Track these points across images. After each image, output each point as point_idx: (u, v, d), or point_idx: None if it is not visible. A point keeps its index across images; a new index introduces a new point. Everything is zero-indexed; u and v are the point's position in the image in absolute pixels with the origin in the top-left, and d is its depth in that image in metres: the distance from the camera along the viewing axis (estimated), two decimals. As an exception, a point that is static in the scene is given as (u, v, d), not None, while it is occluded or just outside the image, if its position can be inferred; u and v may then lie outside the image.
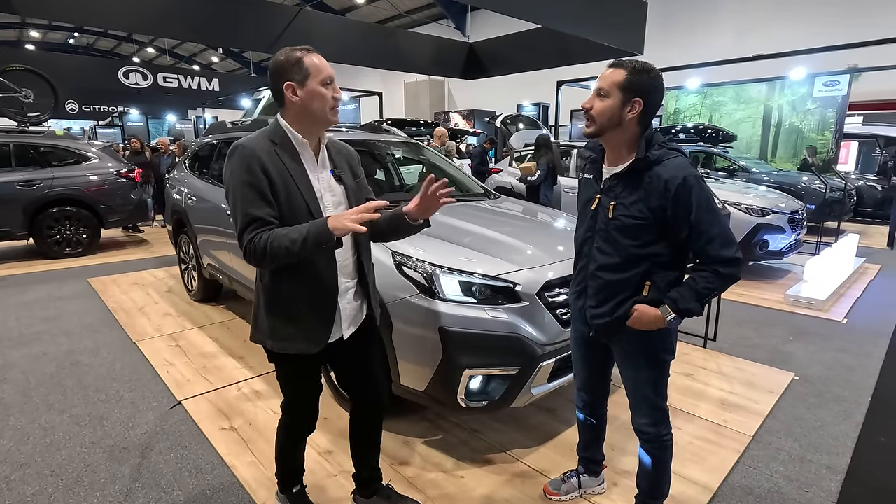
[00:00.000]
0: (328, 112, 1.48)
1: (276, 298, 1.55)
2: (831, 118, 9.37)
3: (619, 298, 1.60)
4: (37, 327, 3.96)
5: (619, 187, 1.55)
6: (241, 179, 1.41)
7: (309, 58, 1.45)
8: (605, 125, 1.51)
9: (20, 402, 2.82)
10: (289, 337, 1.55)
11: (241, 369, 3.22)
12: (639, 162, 1.50)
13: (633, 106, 1.47)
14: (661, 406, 1.67)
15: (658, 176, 1.47)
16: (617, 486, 2.12)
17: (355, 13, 21.00)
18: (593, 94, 1.52)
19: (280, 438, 1.81)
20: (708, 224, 1.47)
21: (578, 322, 1.77)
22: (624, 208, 1.53)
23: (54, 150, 6.42)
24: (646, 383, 1.65)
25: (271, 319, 1.56)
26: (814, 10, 11.88)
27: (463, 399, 2.15)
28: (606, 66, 1.53)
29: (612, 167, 1.59)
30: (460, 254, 2.33)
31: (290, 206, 1.45)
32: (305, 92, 1.45)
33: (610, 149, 1.59)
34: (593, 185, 1.65)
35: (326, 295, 1.56)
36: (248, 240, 1.39)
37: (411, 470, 2.23)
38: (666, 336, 1.62)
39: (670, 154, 1.49)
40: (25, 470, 2.23)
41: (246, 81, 19.44)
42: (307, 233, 1.36)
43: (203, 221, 4.08)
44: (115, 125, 21.10)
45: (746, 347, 3.60)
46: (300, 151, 1.52)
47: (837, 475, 2.22)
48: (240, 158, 1.43)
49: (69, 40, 30.55)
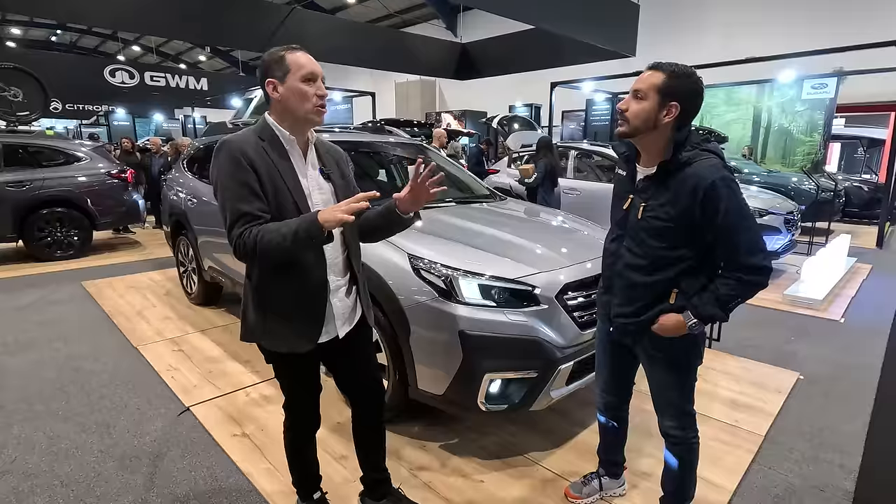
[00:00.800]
0: (308, 110, 1.45)
1: (266, 296, 1.53)
2: (819, 120, 9.55)
3: (645, 301, 1.60)
4: (32, 333, 3.87)
5: (651, 189, 1.54)
6: (229, 175, 1.39)
7: (292, 55, 1.44)
8: (639, 127, 1.49)
9: (22, 409, 2.75)
10: (280, 335, 1.54)
11: (248, 374, 3.18)
12: (667, 164, 1.49)
13: (670, 110, 1.46)
14: (688, 410, 1.68)
15: (687, 178, 1.45)
16: (637, 487, 2.13)
17: (345, 13, 20.88)
18: (630, 95, 1.51)
19: (286, 440, 1.80)
20: (735, 230, 1.44)
21: (604, 321, 1.77)
22: (653, 210, 1.52)
23: (44, 150, 6.29)
24: (672, 387, 1.65)
25: (261, 318, 1.54)
26: (798, 13, 12.08)
27: (483, 403, 2.15)
28: (645, 67, 1.51)
29: (645, 168, 1.58)
30: (477, 257, 2.32)
31: (277, 202, 1.44)
32: (285, 88, 1.44)
33: (643, 150, 1.58)
34: (627, 183, 1.64)
35: (317, 292, 1.54)
36: (237, 235, 1.37)
37: (430, 475, 2.21)
38: (693, 340, 1.63)
39: (703, 155, 1.47)
40: (34, 480, 2.17)
41: (236, 81, 19.23)
42: (297, 227, 1.34)
43: (204, 223, 4.02)
44: (100, 124, 20.74)
45: (750, 347, 3.65)
46: (288, 149, 1.50)
47: (850, 474, 2.25)
48: (227, 154, 1.41)
49: (51, 38, 29.93)
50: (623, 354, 1.80)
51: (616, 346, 1.78)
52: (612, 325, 1.70)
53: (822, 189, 7.70)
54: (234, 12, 9.80)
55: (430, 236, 2.49)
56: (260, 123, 1.51)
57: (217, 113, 21.22)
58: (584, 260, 2.45)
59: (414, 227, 2.58)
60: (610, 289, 1.70)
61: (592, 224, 3.23)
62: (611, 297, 1.70)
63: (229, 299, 4.50)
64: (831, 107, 9.30)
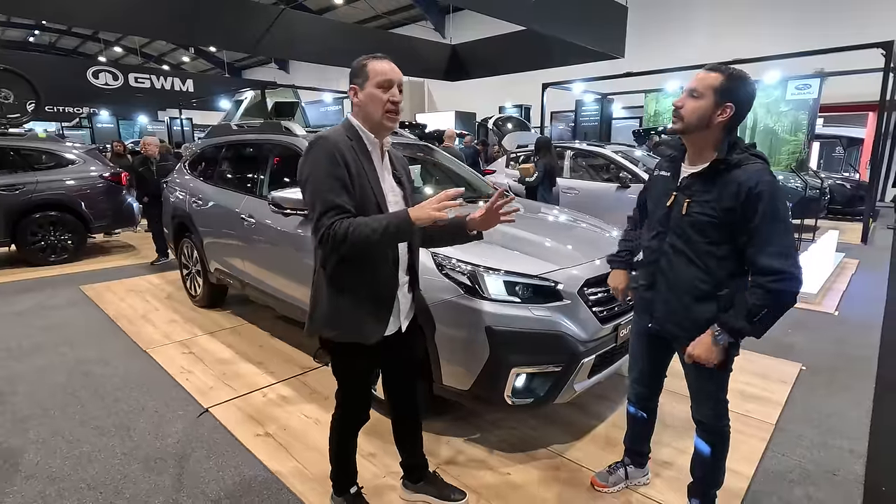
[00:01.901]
0: (381, 115, 1.53)
1: (340, 287, 1.59)
2: (803, 120, 9.79)
3: (691, 296, 1.63)
4: (36, 338, 3.81)
5: (697, 185, 1.59)
6: (324, 168, 1.46)
7: (373, 63, 1.53)
8: (692, 124, 1.54)
9: (37, 414, 2.72)
10: (352, 326, 1.60)
11: (262, 375, 3.18)
12: (718, 163, 1.54)
13: (725, 110, 1.50)
14: (723, 399, 1.74)
15: (734, 178, 1.50)
16: (660, 476, 2.20)
17: (333, 13, 20.81)
18: (685, 93, 1.55)
19: (335, 433, 1.85)
20: (768, 234, 1.45)
21: (642, 314, 1.82)
22: (698, 205, 1.57)
23: (36, 152, 6.17)
24: (710, 379, 1.71)
25: (333, 308, 1.60)
26: (783, 15, 12.40)
27: (510, 397, 2.19)
28: (704, 69, 1.56)
29: (692, 166, 1.63)
30: (500, 254, 2.37)
31: (362, 199, 1.51)
32: (364, 94, 1.53)
33: (692, 148, 1.63)
34: (670, 182, 1.69)
35: (388, 287, 1.63)
36: (327, 225, 1.43)
37: (458, 469, 2.25)
38: None
39: (751, 159, 1.51)
40: (60, 484, 2.16)
41: (223, 82, 19.04)
42: (388, 222, 1.42)
43: (211, 225, 4.00)
44: (83, 126, 20.33)
45: (751, 340, 3.72)
46: (371, 151, 1.59)
47: (860, 458, 2.34)
48: (324, 149, 1.48)
49: (29, 38, 29.28)
50: (660, 347, 1.85)
51: (654, 339, 1.83)
52: (653, 320, 1.75)
53: (809, 187, 7.92)
54: (222, 13, 9.73)
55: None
56: (346, 124, 1.60)
57: (203, 115, 21.00)
58: (602, 256, 2.51)
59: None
60: (653, 284, 1.74)
61: (600, 221, 3.30)
62: (654, 293, 1.74)
63: (235, 301, 4.48)
64: (815, 107, 9.54)
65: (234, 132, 4.25)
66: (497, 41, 13.17)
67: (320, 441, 2.46)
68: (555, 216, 3.42)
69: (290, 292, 3.22)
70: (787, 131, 10.11)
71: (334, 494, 1.93)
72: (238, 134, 4.17)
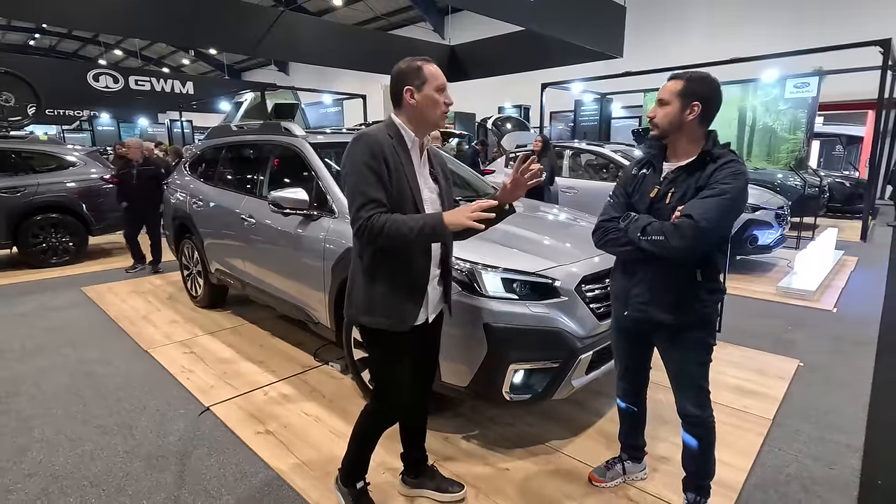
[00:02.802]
0: (439, 116, 1.63)
1: (375, 276, 1.65)
2: (802, 118, 9.80)
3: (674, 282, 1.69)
4: (38, 339, 3.83)
5: (681, 178, 1.68)
6: (364, 163, 1.53)
7: (428, 67, 1.61)
8: (667, 128, 1.68)
9: (40, 413, 2.75)
10: (384, 313, 1.66)
11: (263, 374, 3.20)
12: (705, 154, 1.64)
13: (693, 109, 1.63)
14: (705, 388, 1.78)
15: (712, 167, 1.62)
16: (657, 471, 2.21)
17: (332, 15, 20.86)
18: (655, 104, 1.69)
19: (363, 425, 1.85)
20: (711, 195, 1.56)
21: (623, 309, 1.84)
22: (680, 193, 1.65)
23: (38, 155, 6.21)
24: (692, 365, 1.76)
25: (369, 295, 1.66)
26: (781, 14, 12.42)
27: (508, 393, 2.21)
28: (667, 80, 1.71)
29: (676, 162, 1.72)
30: (498, 251, 2.39)
31: (399, 194, 1.58)
32: (422, 96, 1.61)
33: (674, 147, 1.73)
34: (652, 177, 1.76)
35: (419, 279, 1.68)
36: (365, 217, 1.50)
37: (457, 465, 2.27)
38: (710, 319, 1.74)
39: (731, 156, 1.63)
40: (62, 482, 2.18)
41: (223, 84, 19.10)
42: (424, 223, 1.50)
43: (212, 226, 4.02)
44: (83, 129, 20.40)
45: (750, 337, 3.77)
46: (410, 148, 1.66)
47: (856, 452, 2.36)
48: (364, 145, 1.55)
49: (29, 42, 29.39)
50: (639, 340, 1.89)
51: (633, 332, 1.88)
52: (631, 309, 1.79)
53: (808, 185, 7.93)
54: (222, 16, 9.77)
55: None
56: (387, 122, 1.67)
57: (204, 117, 21.06)
58: (599, 254, 2.52)
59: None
60: (632, 274, 1.78)
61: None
62: (630, 285, 1.78)
63: (236, 301, 4.51)
64: (814, 105, 9.55)
65: (233, 133, 4.28)
66: (496, 42, 13.21)
67: (320, 438, 2.48)
68: (553, 215, 3.45)
69: (290, 291, 3.24)
70: (786, 130, 10.12)
71: (340, 483, 1.94)
72: (238, 135, 4.20)
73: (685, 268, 1.67)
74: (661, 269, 1.69)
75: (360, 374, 2.73)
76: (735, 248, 5.39)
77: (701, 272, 1.67)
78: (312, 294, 3.01)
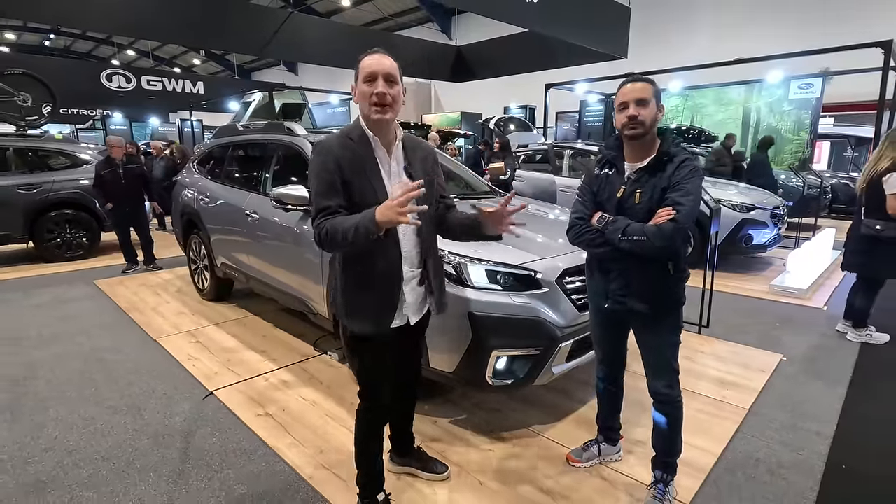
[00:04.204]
0: (368, 110, 1.57)
1: (348, 281, 1.69)
2: (806, 119, 9.82)
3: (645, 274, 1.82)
4: (54, 328, 4.03)
5: (645, 178, 1.79)
6: (316, 173, 1.59)
7: (364, 58, 1.58)
8: (648, 127, 1.77)
9: (56, 395, 2.93)
10: (359, 317, 1.70)
11: (264, 362, 3.36)
12: (663, 154, 1.76)
13: (661, 110, 1.78)
14: (676, 368, 1.91)
15: (671, 167, 1.74)
16: (632, 453, 2.34)
17: (340, 16, 21.09)
18: (635, 105, 1.74)
19: (359, 429, 1.87)
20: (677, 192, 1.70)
21: (600, 299, 1.96)
22: (648, 194, 1.77)
23: (53, 153, 6.44)
24: (667, 347, 1.89)
25: (346, 299, 1.70)
26: (786, 15, 12.41)
27: (490, 378, 2.34)
28: (626, 81, 1.80)
29: (636, 162, 1.83)
30: (483, 245, 2.51)
31: (362, 197, 1.58)
32: (357, 91, 1.60)
33: (640, 147, 1.82)
34: (616, 178, 1.87)
35: (391, 281, 1.67)
36: (316, 226, 1.55)
37: (442, 446, 2.41)
38: (681, 303, 1.89)
39: (685, 154, 1.77)
40: (76, 456, 2.35)
41: (232, 84, 19.38)
42: (358, 223, 1.46)
43: (218, 222, 4.19)
44: (96, 128, 20.79)
45: (738, 333, 3.87)
46: (374, 146, 1.64)
47: (826, 440, 2.46)
48: (317, 155, 1.61)
49: (45, 42, 29.94)
50: (617, 326, 2.02)
51: (611, 320, 2.00)
52: (611, 302, 1.91)
53: (809, 186, 7.96)
54: (233, 17, 9.98)
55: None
56: (353, 123, 1.67)
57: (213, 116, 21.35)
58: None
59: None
60: (608, 271, 1.91)
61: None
62: (608, 281, 1.91)
63: (241, 295, 4.68)
64: (817, 106, 9.57)
65: (240, 132, 4.44)
66: (502, 42, 13.32)
67: (316, 421, 2.64)
68: (540, 212, 3.57)
69: (292, 284, 3.39)
70: (790, 130, 10.14)
71: (361, 499, 1.92)
72: (244, 134, 4.36)
73: (658, 261, 1.79)
74: (637, 265, 1.81)
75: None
76: (730, 247, 5.47)
77: (673, 264, 1.80)
78: (312, 287, 3.16)
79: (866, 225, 3.47)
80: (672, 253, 1.76)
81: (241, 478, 2.19)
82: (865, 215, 3.51)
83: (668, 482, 1.99)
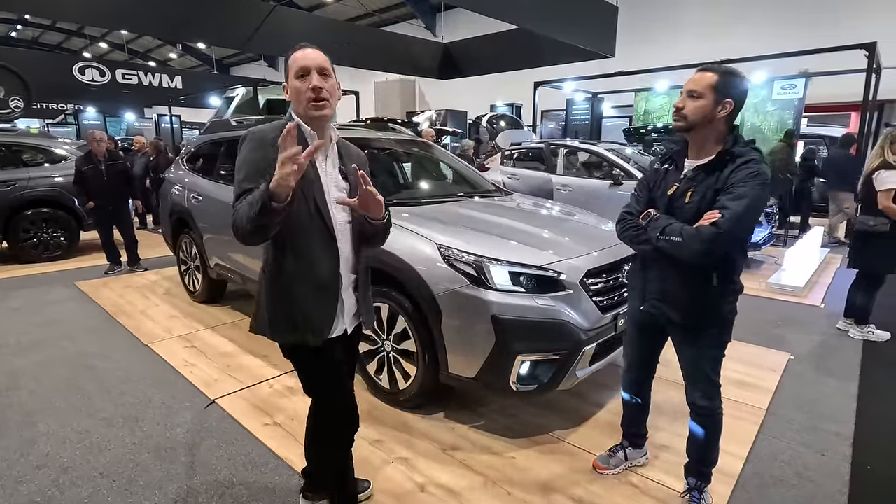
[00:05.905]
0: (305, 107, 1.46)
1: (279, 286, 1.54)
2: (789, 119, 10.00)
3: (690, 280, 1.72)
4: (34, 333, 3.80)
5: (701, 177, 1.69)
6: (244, 157, 1.46)
7: (294, 53, 1.48)
8: (696, 122, 1.66)
9: (43, 407, 2.74)
10: (291, 328, 1.54)
11: (266, 367, 3.22)
12: (724, 154, 1.65)
13: (725, 106, 1.63)
14: (717, 382, 1.83)
15: (730, 167, 1.62)
16: (658, 458, 2.29)
17: (323, 11, 20.71)
18: (685, 94, 1.66)
19: (308, 424, 1.80)
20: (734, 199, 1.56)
21: (639, 303, 1.90)
22: (699, 194, 1.67)
23: (27, 148, 6.12)
24: (706, 361, 1.80)
25: (273, 310, 1.55)
26: (769, 15, 12.64)
27: (514, 383, 2.26)
28: (698, 71, 1.68)
29: (696, 160, 1.73)
30: (504, 246, 2.44)
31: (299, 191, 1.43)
32: (289, 88, 1.49)
33: (696, 143, 1.73)
34: (673, 174, 1.79)
35: (329, 285, 1.54)
36: (234, 211, 1.40)
37: (463, 454, 2.32)
38: (727, 318, 1.78)
39: (750, 156, 1.62)
40: (72, 473, 2.19)
41: (212, 79, 18.89)
42: (259, 194, 1.31)
43: (211, 220, 4.02)
44: (68, 123, 20.02)
45: (741, 331, 3.82)
46: (309, 143, 1.44)
47: (846, 440, 2.46)
48: (250, 141, 1.49)
49: (11, 33, 28.72)
50: (653, 333, 1.94)
51: (647, 325, 1.92)
52: (647, 305, 1.83)
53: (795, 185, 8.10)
54: (212, 10, 9.69)
55: (455, 227, 2.60)
56: (287, 118, 1.55)
57: (192, 112, 20.80)
58: (602, 248, 2.60)
59: (437, 220, 2.70)
60: (649, 271, 1.83)
61: (597, 216, 3.39)
62: (646, 281, 1.84)
63: (234, 296, 4.51)
64: (800, 107, 9.75)
65: (232, 128, 4.26)
66: (489, 40, 13.27)
67: (328, 429, 2.51)
68: (547, 209, 3.50)
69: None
70: (772, 130, 10.32)
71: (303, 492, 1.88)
72: (237, 130, 4.18)
73: (701, 269, 1.69)
74: (676, 269, 1.73)
75: (366, 367, 2.77)
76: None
77: (718, 274, 1.69)
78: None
79: (861, 221, 3.57)
80: (713, 261, 1.64)
81: (255, 494, 2.06)
82: (861, 212, 3.60)
83: (703, 489, 1.94)
